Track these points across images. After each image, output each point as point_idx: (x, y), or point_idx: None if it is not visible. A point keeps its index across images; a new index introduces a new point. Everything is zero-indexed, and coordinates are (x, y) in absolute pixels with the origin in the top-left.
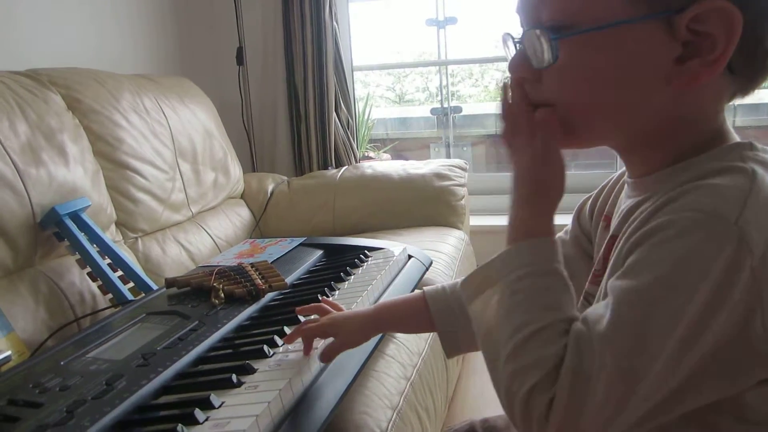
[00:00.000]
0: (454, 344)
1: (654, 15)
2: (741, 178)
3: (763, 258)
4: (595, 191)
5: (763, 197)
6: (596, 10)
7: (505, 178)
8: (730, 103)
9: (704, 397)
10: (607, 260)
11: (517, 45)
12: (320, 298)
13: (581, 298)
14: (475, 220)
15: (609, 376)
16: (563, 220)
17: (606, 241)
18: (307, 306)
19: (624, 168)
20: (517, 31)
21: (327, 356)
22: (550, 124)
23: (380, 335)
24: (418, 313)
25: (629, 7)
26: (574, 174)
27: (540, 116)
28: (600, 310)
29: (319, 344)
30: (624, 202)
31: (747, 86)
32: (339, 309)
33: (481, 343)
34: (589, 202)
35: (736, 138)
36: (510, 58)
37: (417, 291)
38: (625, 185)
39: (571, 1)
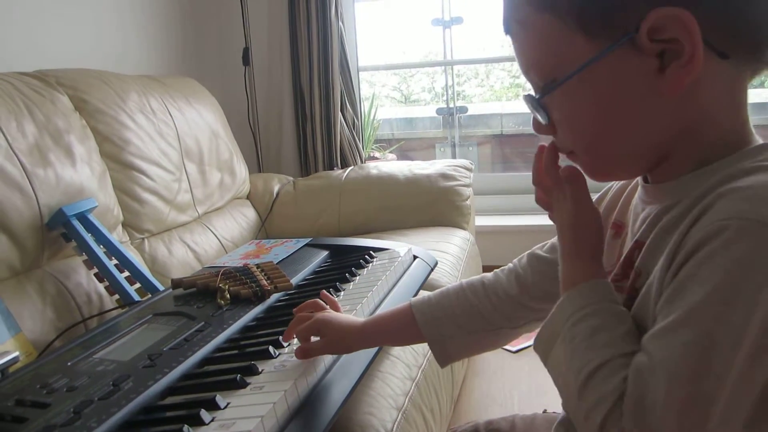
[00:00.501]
0: (444, 353)
1: (616, 44)
2: None
3: None
4: (595, 198)
5: None
6: (568, 61)
7: (510, 178)
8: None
9: None
10: (630, 266)
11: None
12: (322, 292)
13: None
14: (480, 221)
15: (678, 402)
16: None
17: (629, 248)
18: (302, 304)
19: None
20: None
21: (304, 353)
22: (574, 177)
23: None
24: (405, 325)
25: (594, 45)
26: None
27: (563, 174)
28: (657, 335)
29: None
30: (642, 208)
31: (755, 66)
32: (336, 306)
33: (561, 394)
34: None
35: (760, 140)
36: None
37: (404, 303)
38: (640, 189)
39: (546, 60)
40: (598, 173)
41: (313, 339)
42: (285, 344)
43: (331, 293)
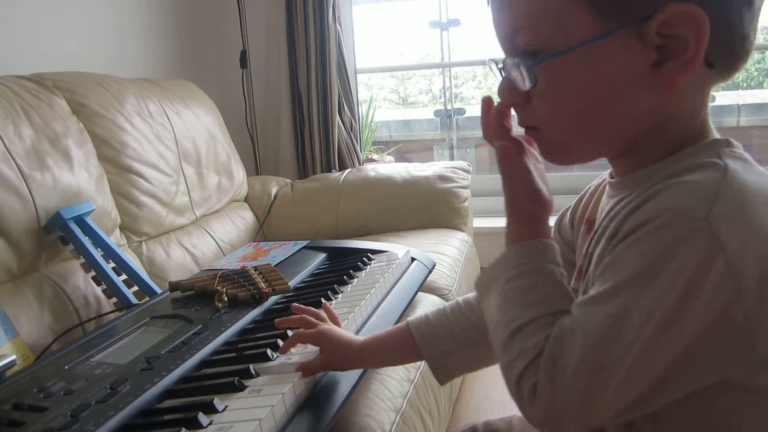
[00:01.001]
0: (444, 370)
1: (623, 28)
2: (713, 173)
3: (740, 251)
4: (574, 201)
5: (734, 191)
6: (567, 32)
7: None
8: (735, 104)
9: (693, 386)
10: (590, 255)
11: (501, 71)
12: (324, 304)
13: None
14: (478, 222)
15: (586, 365)
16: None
17: (588, 240)
18: (288, 318)
19: (602, 174)
20: (501, 56)
21: (306, 370)
22: (508, 151)
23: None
24: (403, 344)
25: (598, 24)
26: (569, 176)
27: (497, 146)
28: (583, 303)
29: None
30: (606, 202)
31: (727, 74)
32: (336, 321)
33: (491, 338)
34: (569, 213)
35: (716, 135)
36: (498, 83)
37: (401, 323)
38: (607, 186)
39: (542, 27)
40: (556, 153)
41: (310, 348)
42: (275, 356)
43: (329, 296)
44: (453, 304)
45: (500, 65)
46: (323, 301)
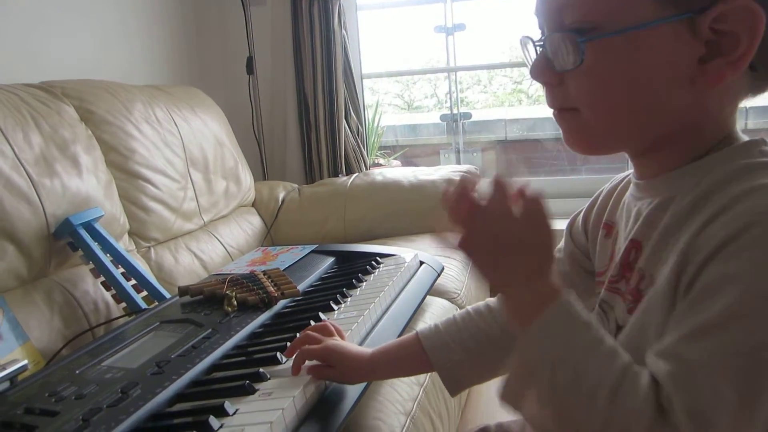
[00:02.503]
0: (453, 379)
1: (678, 15)
2: None
3: None
4: (586, 205)
5: None
6: (622, 13)
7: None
8: (743, 106)
9: None
10: (629, 267)
11: (538, 48)
12: (323, 317)
13: (596, 307)
14: None
15: (730, 403)
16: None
17: (624, 247)
18: (294, 343)
19: (615, 178)
20: (536, 34)
21: (318, 375)
22: (538, 195)
23: None
24: (413, 354)
25: (656, 9)
26: (578, 179)
27: (531, 191)
28: (690, 338)
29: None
30: (633, 204)
31: (763, 84)
32: (342, 335)
33: (554, 410)
34: (580, 217)
35: (744, 136)
36: (530, 62)
37: (410, 334)
38: (632, 186)
39: (598, 3)
40: (591, 139)
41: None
42: (285, 360)
43: (337, 299)
44: (463, 312)
45: (538, 42)
46: (322, 317)
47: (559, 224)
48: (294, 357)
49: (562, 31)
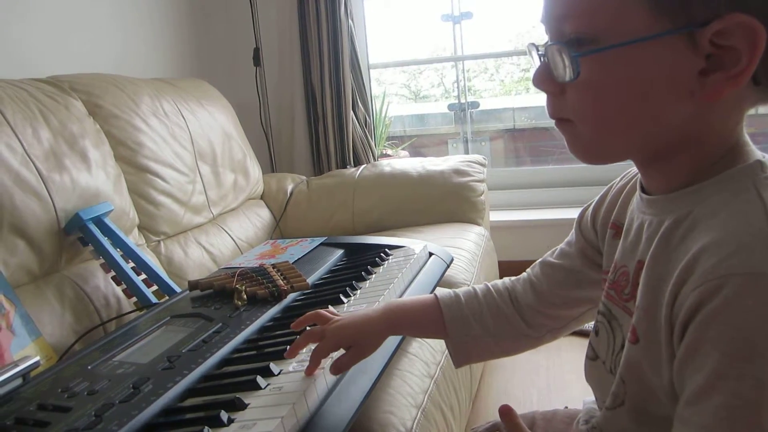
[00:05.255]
0: (463, 353)
1: (677, 30)
2: (759, 219)
3: None
4: (595, 200)
5: None
6: (620, 26)
7: (524, 172)
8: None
9: None
10: (638, 286)
11: (542, 57)
12: (332, 310)
13: (599, 314)
14: (495, 216)
15: None
16: (571, 213)
17: (634, 268)
18: (301, 318)
19: (626, 173)
20: (543, 40)
21: (339, 368)
22: (509, 413)
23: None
24: (432, 319)
25: (652, 23)
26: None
27: (501, 411)
28: (690, 402)
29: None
30: (637, 216)
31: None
32: (332, 313)
33: None
34: (590, 211)
35: (752, 151)
36: (534, 69)
37: (428, 295)
38: (638, 195)
39: (596, 16)
40: (586, 150)
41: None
42: (289, 361)
43: (347, 292)
44: (483, 288)
45: (540, 51)
46: (332, 310)
47: (570, 213)
48: (309, 360)
49: (560, 43)
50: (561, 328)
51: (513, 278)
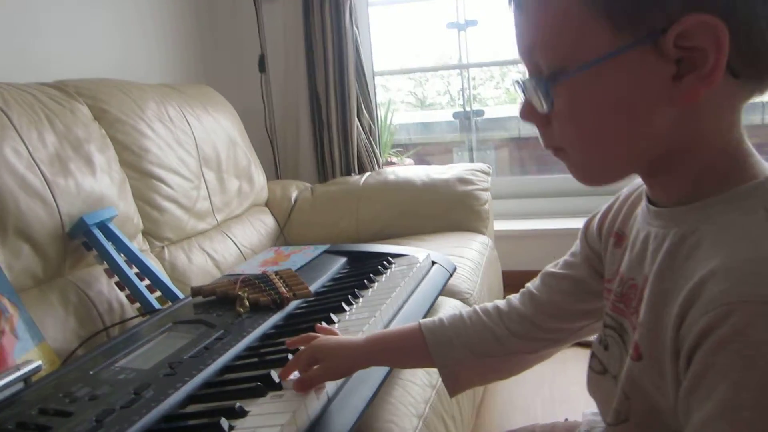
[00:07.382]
0: (453, 380)
1: (639, 42)
2: (762, 243)
3: None
4: (602, 209)
5: None
6: (583, 49)
7: (528, 181)
8: (759, 101)
9: None
10: (642, 301)
11: (523, 92)
12: (317, 326)
13: (606, 328)
14: (499, 225)
15: None
16: (576, 223)
17: (642, 281)
18: (296, 338)
19: (634, 182)
20: (525, 76)
21: (301, 386)
22: None
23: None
24: (414, 346)
25: (614, 39)
26: None
27: None
28: None
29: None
30: (642, 227)
31: (759, 87)
32: (334, 333)
33: None
34: (596, 221)
35: (758, 164)
36: (519, 104)
37: (412, 323)
38: (643, 205)
39: (559, 42)
40: (588, 175)
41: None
42: (283, 381)
43: (349, 300)
44: (469, 310)
45: (521, 86)
46: (333, 318)
47: (575, 223)
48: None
49: (533, 77)
50: (553, 343)
51: (510, 296)
